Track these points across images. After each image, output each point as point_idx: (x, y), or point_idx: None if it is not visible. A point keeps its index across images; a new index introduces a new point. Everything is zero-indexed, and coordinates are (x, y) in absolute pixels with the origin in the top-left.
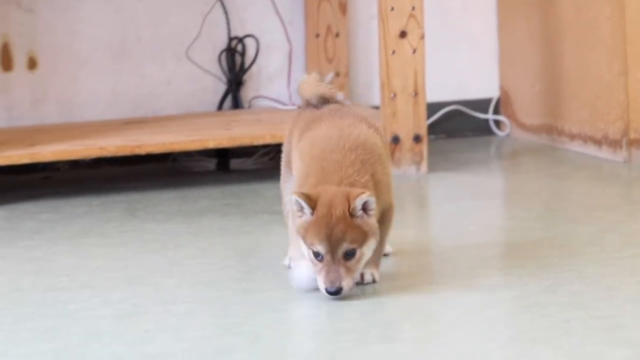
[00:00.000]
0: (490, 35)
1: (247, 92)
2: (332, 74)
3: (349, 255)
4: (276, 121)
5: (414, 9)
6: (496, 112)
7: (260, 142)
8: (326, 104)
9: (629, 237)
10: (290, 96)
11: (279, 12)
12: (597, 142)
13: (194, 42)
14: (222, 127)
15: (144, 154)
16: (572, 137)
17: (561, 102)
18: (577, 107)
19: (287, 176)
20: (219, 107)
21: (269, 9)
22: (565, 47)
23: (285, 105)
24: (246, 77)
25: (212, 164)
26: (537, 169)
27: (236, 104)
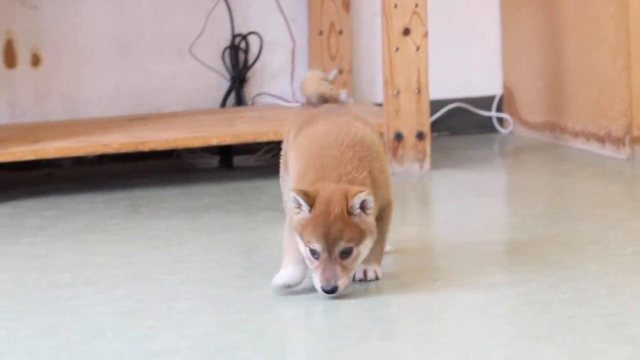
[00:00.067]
0: (493, 32)
1: (250, 89)
2: (335, 71)
3: (346, 253)
4: (279, 118)
5: (417, 6)
6: (499, 109)
7: (263, 139)
8: (326, 103)
9: (632, 235)
10: (293, 93)
11: (283, 9)
12: (600, 140)
13: (197, 39)
14: (226, 124)
15: (147, 150)
16: (575, 134)
17: (564, 100)
18: (580, 105)
19: (286, 175)
20: (223, 104)
21: (272, 7)
22: (568, 45)
23: (288, 102)
24: (249, 74)
25: (215, 161)
26: (540, 167)
27: (239, 101)
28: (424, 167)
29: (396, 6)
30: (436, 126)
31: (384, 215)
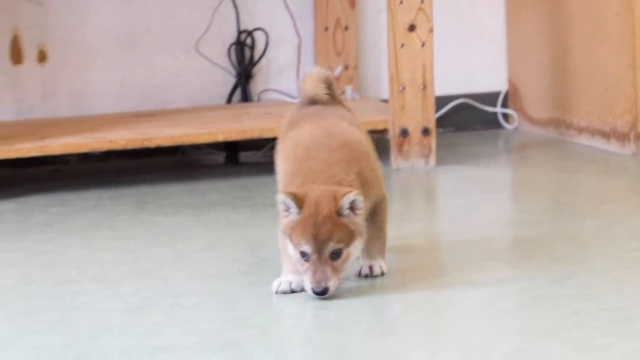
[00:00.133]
0: (499, 28)
1: (256, 85)
2: (341, 67)
3: (336, 255)
4: (285, 114)
5: (422, 2)
6: (505, 105)
7: (269, 135)
8: (314, 104)
9: (637, 230)
10: (299, 89)
11: (288, 5)
12: (605, 136)
13: (203, 35)
14: (232, 120)
15: (153, 146)
16: (580, 130)
17: (569, 96)
18: (586, 101)
19: None
20: (228, 100)
21: (278, 3)
22: (573, 41)
23: (294, 98)
24: (255, 70)
25: (221, 157)
26: (546, 162)
27: (245, 97)
28: (430, 162)
29: (402, 2)
30: (441, 122)
31: (378, 210)
